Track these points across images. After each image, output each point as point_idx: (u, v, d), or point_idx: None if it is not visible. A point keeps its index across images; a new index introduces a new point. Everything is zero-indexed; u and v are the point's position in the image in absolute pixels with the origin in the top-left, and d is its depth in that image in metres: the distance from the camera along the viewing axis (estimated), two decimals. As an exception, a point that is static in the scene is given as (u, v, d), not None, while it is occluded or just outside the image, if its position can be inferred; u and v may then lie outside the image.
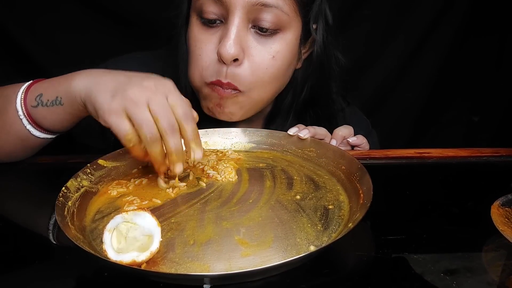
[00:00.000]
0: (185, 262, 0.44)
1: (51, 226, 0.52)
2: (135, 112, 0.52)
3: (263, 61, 0.70)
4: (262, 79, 0.71)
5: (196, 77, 0.73)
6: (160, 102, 0.53)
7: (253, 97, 0.73)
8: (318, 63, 0.77)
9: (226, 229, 0.50)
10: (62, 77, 0.61)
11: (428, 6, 1.24)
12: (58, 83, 0.61)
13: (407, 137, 1.39)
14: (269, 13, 0.67)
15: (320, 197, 0.57)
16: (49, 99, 0.60)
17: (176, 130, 0.53)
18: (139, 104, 0.52)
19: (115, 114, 0.52)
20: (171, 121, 0.53)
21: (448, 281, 0.42)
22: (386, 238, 0.50)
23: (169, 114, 0.53)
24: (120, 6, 1.15)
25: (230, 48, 0.66)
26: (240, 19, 0.67)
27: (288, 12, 0.68)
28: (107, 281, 0.44)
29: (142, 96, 0.52)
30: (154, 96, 0.53)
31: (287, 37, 0.71)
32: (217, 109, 0.73)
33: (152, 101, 0.52)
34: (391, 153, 0.73)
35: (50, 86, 0.62)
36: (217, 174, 0.62)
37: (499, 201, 0.52)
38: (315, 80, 0.80)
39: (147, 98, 0.52)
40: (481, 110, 1.34)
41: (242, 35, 0.68)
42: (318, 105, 0.83)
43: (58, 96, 0.60)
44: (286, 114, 0.82)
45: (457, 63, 1.29)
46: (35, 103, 0.61)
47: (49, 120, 0.63)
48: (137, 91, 0.53)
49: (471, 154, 0.72)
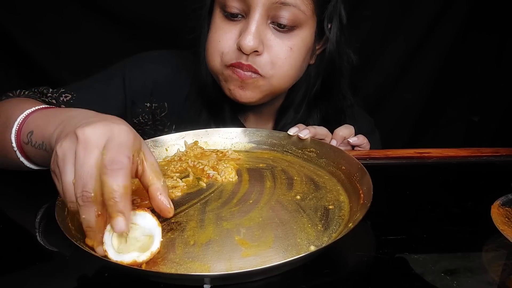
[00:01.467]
0: (185, 262, 0.44)
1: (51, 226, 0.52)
2: (60, 173, 0.43)
3: (282, 52, 0.73)
4: (281, 67, 0.74)
5: (216, 60, 0.75)
6: (83, 158, 0.42)
7: (273, 83, 0.76)
8: (330, 59, 0.80)
9: (227, 229, 0.50)
10: (53, 115, 0.56)
11: (428, 6, 1.24)
12: (45, 125, 0.54)
13: (407, 137, 1.39)
14: (287, 11, 0.70)
15: (320, 197, 0.57)
16: (37, 141, 0.55)
17: (89, 201, 0.41)
18: (64, 161, 0.43)
19: (53, 174, 0.45)
20: (85, 188, 0.41)
21: (448, 281, 0.42)
22: (386, 238, 0.50)
23: (87, 178, 0.41)
24: (122, 8, 1.15)
25: (250, 41, 0.70)
26: (260, 15, 0.71)
27: (305, 11, 0.72)
28: (107, 281, 0.44)
29: (70, 150, 0.43)
30: (80, 149, 0.42)
31: (303, 34, 0.74)
32: (238, 91, 0.76)
33: (77, 156, 0.42)
34: (391, 153, 0.73)
35: (40, 125, 0.56)
36: (217, 174, 0.62)
37: (499, 201, 0.52)
38: (326, 76, 0.83)
39: (73, 152, 0.43)
40: (481, 110, 1.34)
41: (262, 30, 0.71)
42: (328, 100, 0.85)
43: (44, 142, 0.54)
44: (298, 107, 0.85)
45: (457, 63, 1.29)
46: (26, 140, 0.57)
47: (38, 160, 0.59)
48: (67, 144, 0.43)
49: (471, 154, 0.72)
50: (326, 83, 0.83)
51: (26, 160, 0.60)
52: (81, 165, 0.41)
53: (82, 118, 0.48)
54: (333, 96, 0.86)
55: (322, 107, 0.86)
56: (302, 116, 0.85)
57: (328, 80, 0.83)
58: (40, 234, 0.53)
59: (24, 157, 0.60)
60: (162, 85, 0.85)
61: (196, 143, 0.71)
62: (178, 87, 0.85)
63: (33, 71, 1.17)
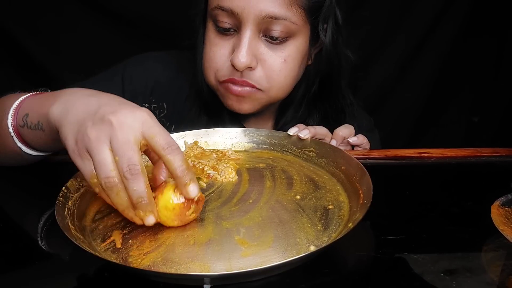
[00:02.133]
0: (185, 262, 0.44)
1: (51, 226, 0.53)
2: (93, 152, 0.45)
3: (275, 65, 0.73)
4: (276, 79, 0.74)
5: (211, 76, 0.77)
6: (122, 138, 0.44)
7: (271, 95, 0.76)
8: (327, 59, 0.80)
9: (226, 229, 0.50)
10: (47, 97, 0.56)
11: (428, 6, 1.24)
12: (41, 105, 0.55)
13: (407, 137, 1.39)
14: (278, 25, 0.70)
15: (320, 197, 0.57)
16: (33, 122, 0.56)
17: (138, 172, 0.44)
18: (99, 142, 0.45)
19: (78, 155, 0.46)
20: (132, 161, 0.44)
21: (448, 281, 0.42)
22: (386, 238, 0.50)
23: (130, 153, 0.44)
24: (123, 7, 1.15)
25: (243, 57, 0.70)
26: (252, 31, 0.71)
27: (296, 22, 0.71)
28: (107, 281, 0.44)
29: (104, 132, 0.45)
30: (117, 131, 0.45)
31: (297, 43, 0.74)
32: (236, 105, 0.77)
33: (114, 137, 0.44)
34: (391, 153, 0.73)
35: (35, 107, 0.57)
36: (217, 174, 0.62)
37: (499, 201, 0.52)
38: (325, 76, 0.83)
39: (108, 135, 0.45)
40: (481, 110, 1.34)
41: (254, 44, 0.72)
42: (328, 99, 0.85)
43: (40, 121, 0.55)
44: (297, 106, 0.85)
45: (457, 63, 1.29)
46: (22, 123, 0.58)
47: (36, 142, 0.60)
48: (99, 127, 0.45)
49: (471, 154, 0.72)
50: (325, 82, 0.83)
51: (24, 145, 0.60)
52: (122, 144, 0.44)
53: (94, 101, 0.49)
54: (332, 95, 0.86)
55: (322, 106, 0.86)
56: (302, 115, 0.85)
57: (327, 79, 0.83)
58: (40, 234, 0.53)
59: (21, 141, 0.60)
60: (162, 86, 0.85)
61: (196, 143, 0.71)
62: (177, 88, 0.85)
63: (33, 71, 1.17)
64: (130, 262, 0.45)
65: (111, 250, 0.47)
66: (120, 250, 0.47)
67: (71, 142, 0.47)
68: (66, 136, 0.48)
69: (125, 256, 0.46)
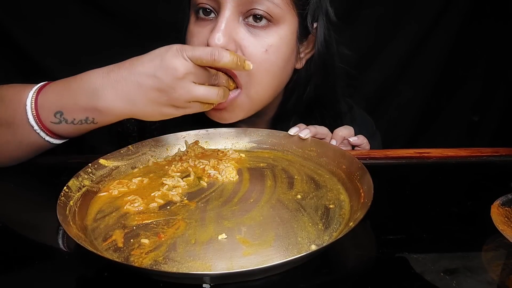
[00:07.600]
0: (186, 261, 0.44)
1: (52, 226, 0.53)
2: (193, 94, 0.58)
3: (256, 53, 0.68)
4: (255, 73, 0.69)
5: None
6: (203, 73, 0.59)
7: (251, 95, 0.71)
8: (321, 62, 0.77)
9: (227, 228, 0.50)
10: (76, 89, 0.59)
11: (429, 6, 1.24)
12: (76, 99, 0.59)
13: (407, 137, 1.39)
14: (260, 4, 0.66)
15: (321, 197, 0.57)
16: (76, 118, 0.60)
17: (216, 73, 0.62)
18: (191, 88, 0.58)
19: (173, 108, 0.59)
20: (212, 73, 0.61)
21: (448, 281, 0.43)
22: (386, 237, 0.50)
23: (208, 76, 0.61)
24: (122, 6, 1.15)
25: (219, 39, 0.65)
26: (230, 12, 0.66)
27: (279, 5, 0.68)
28: (108, 280, 0.44)
29: (186, 83, 0.57)
30: (198, 72, 0.58)
31: (281, 32, 0.70)
32: (216, 114, 0.73)
33: (199, 78, 0.59)
34: (391, 153, 0.73)
35: (69, 102, 0.60)
36: (218, 174, 0.63)
37: (499, 200, 0.52)
38: (319, 80, 0.79)
39: (191, 81, 0.58)
40: (481, 110, 1.34)
41: (233, 27, 0.67)
42: (324, 105, 0.82)
43: (89, 117, 0.60)
44: (291, 116, 0.81)
45: (457, 63, 1.29)
46: (57, 120, 0.61)
47: (73, 133, 0.63)
48: (183, 82, 0.57)
49: (471, 154, 0.72)
50: (320, 88, 0.80)
51: (53, 136, 0.63)
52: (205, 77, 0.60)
53: (140, 67, 0.58)
54: (329, 101, 0.82)
55: (319, 113, 0.82)
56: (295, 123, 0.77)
57: (322, 84, 0.79)
58: (40, 234, 0.53)
59: (50, 134, 0.63)
60: None
61: (197, 142, 0.72)
62: None
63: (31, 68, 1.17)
64: (132, 261, 0.45)
65: (113, 249, 0.47)
66: (121, 249, 0.47)
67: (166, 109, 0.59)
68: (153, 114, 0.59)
69: (126, 255, 0.46)
